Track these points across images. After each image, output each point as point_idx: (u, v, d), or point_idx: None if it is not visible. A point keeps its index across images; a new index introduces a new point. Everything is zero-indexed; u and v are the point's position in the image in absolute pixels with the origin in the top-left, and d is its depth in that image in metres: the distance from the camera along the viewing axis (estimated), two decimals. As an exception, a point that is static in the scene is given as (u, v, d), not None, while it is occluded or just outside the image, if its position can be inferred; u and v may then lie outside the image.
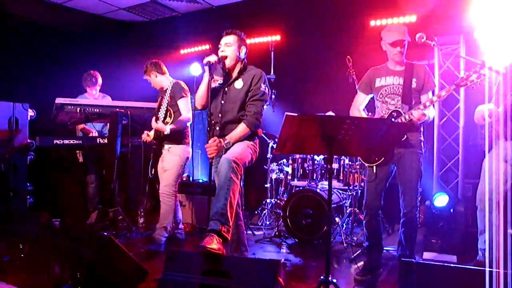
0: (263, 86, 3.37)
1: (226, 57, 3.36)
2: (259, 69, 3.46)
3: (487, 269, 2.13)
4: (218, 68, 3.48)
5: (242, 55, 3.43)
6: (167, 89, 4.44)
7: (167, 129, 4.22)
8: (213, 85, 3.41)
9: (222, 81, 3.45)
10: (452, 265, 2.42)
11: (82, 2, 6.46)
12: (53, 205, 5.34)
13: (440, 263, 2.42)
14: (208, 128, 3.34)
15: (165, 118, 4.38)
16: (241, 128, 3.30)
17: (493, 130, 3.41)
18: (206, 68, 3.29)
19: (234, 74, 3.44)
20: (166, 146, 4.41)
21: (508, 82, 3.25)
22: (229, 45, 3.38)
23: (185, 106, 4.34)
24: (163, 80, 4.53)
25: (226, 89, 3.41)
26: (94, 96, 5.59)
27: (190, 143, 4.49)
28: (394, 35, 3.43)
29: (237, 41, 3.38)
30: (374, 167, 3.52)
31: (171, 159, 4.35)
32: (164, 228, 4.32)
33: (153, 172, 4.50)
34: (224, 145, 3.24)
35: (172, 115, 4.38)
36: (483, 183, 3.51)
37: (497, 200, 3.27)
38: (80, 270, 2.81)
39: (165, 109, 4.39)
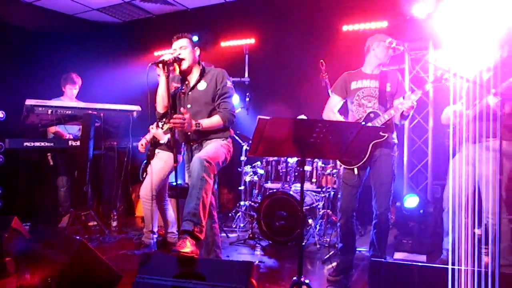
0: (228, 82, 3.42)
1: (184, 59, 3.37)
2: (219, 68, 3.50)
3: (450, 266, 2.22)
4: (176, 76, 3.49)
5: (197, 56, 3.47)
6: None
7: (164, 138, 4.29)
8: (173, 91, 3.43)
9: (181, 86, 3.46)
10: (418, 263, 2.50)
11: (53, 1, 6.34)
12: (24, 209, 5.23)
13: (407, 262, 2.51)
14: (174, 131, 3.34)
15: None
16: (216, 119, 3.32)
17: (459, 132, 3.54)
18: (160, 67, 3.26)
19: (195, 76, 3.45)
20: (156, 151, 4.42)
21: (477, 90, 3.39)
22: (184, 48, 3.39)
23: None
24: None
25: (189, 92, 3.42)
26: (72, 97, 5.48)
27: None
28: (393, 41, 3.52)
29: (190, 43, 3.41)
30: (356, 169, 3.57)
31: (155, 163, 4.34)
32: (150, 232, 4.33)
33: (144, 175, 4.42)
34: (194, 125, 3.17)
35: None
36: (449, 186, 3.62)
37: (463, 202, 3.39)
38: (51, 275, 2.77)
39: None
